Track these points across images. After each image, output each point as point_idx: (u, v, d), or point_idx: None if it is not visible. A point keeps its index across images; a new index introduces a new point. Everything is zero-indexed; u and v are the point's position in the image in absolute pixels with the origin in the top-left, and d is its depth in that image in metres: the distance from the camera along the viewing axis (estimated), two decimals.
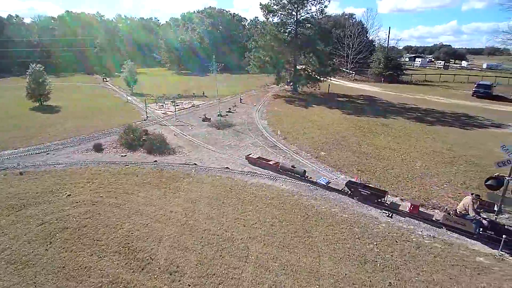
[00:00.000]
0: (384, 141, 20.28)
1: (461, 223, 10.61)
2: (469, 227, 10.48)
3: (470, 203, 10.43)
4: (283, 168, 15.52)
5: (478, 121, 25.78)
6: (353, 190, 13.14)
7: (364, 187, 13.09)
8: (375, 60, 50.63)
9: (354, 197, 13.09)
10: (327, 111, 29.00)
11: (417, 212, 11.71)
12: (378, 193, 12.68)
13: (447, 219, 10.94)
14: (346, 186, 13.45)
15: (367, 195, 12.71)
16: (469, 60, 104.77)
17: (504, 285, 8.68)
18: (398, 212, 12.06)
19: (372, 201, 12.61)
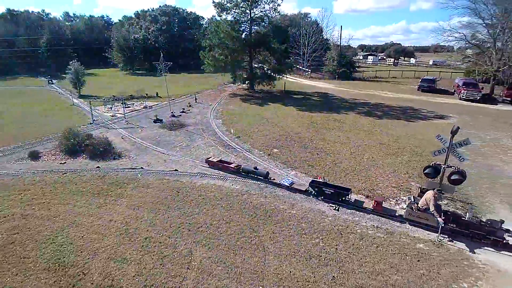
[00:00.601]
0: (335, 136, 20.67)
1: (424, 217, 10.65)
2: (432, 221, 10.51)
3: (432, 198, 10.42)
4: (244, 170, 14.89)
5: (422, 113, 27.28)
6: (317, 189, 12.81)
7: (328, 186, 12.81)
8: (330, 58, 52.03)
9: (318, 197, 12.74)
10: (282, 109, 29.13)
11: (380, 209, 11.61)
12: (341, 191, 12.43)
13: (410, 214, 10.93)
14: (310, 186, 13.12)
15: (331, 194, 12.43)
16: (417, 57, 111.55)
17: (442, 270, 8.99)
18: (362, 210, 11.87)
19: (337, 199, 12.32)
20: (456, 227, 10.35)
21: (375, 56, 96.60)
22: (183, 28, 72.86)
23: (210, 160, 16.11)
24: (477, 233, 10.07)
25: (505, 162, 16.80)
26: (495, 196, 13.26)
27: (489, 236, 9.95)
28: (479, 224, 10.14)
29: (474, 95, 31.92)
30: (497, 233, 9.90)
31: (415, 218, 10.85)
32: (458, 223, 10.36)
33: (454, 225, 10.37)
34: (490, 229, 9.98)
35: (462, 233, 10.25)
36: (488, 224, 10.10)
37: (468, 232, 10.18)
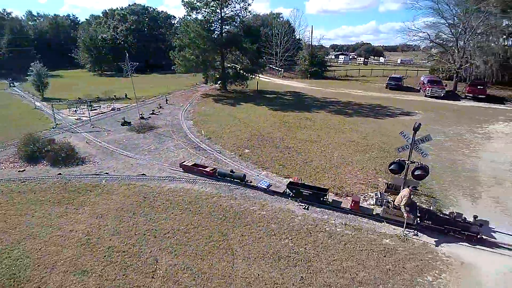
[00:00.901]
0: (306, 135, 20.80)
1: (400, 215, 10.65)
2: (407, 219, 10.47)
3: (406, 195, 10.43)
4: (221, 174, 14.35)
5: (390, 110, 28.10)
6: (295, 191, 12.58)
7: (305, 187, 12.64)
8: (301, 57, 52.59)
9: (296, 198, 12.49)
10: (255, 108, 29.02)
11: (358, 208, 11.57)
12: (319, 192, 12.29)
13: (387, 213, 10.95)
14: (287, 188, 12.86)
15: (309, 195, 12.26)
16: (386, 56, 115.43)
17: (407, 264, 9.16)
18: (340, 210, 11.79)
19: (315, 200, 12.15)
20: (431, 224, 10.47)
21: (346, 56, 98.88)
22: (154, 28, 71.20)
23: (185, 164, 15.47)
24: (452, 228, 10.26)
25: (467, 156, 17.55)
26: (458, 189, 13.78)
27: (464, 231, 10.12)
28: (454, 220, 10.31)
29: (438, 92, 33.30)
30: (472, 228, 10.08)
31: (392, 216, 10.87)
32: (433, 220, 10.50)
33: (430, 222, 10.50)
34: (464, 224, 10.16)
35: (438, 229, 10.39)
36: (463, 219, 10.26)
37: (443, 229, 10.34)
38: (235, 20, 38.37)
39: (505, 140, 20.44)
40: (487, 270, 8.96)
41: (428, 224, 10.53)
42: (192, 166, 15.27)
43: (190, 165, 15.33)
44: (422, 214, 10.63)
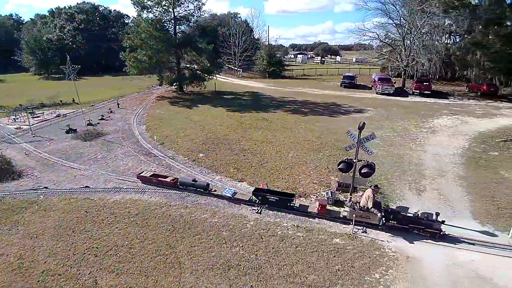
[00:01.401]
0: (262, 136, 20.69)
1: (366, 216, 10.66)
2: (373, 220, 10.62)
3: (371, 196, 10.49)
4: (182, 183, 13.47)
5: (343, 108, 28.93)
6: (261, 198, 12.06)
7: (272, 193, 12.21)
8: (259, 57, 52.74)
9: (262, 205, 11.99)
10: (212, 110, 28.46)
11: (325, 212, 11.36)
12: (286, 198, 11.96)
13: (354, 215, 10.79)
14: (253, 194, 12.30)
15: (276, 201, 11.83)
16: (342, 55, 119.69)
17: (355, 263, 9.24)
18: (308, 214, 11.52)
19: (282, 206, 11.76)
20: (396, 223, 10.57)
21: (304, 55, 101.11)
22: (105, 27, 67.58)
23: (142, 175, 14.24)
24: (416, 227, 10.43)
25: (414, 150, 18.43)
26: (405, 183, 14.36)
27: (427, 229, 10.34)
28: (417, 218, 10.48)
29: (388, 89, 34.94)
30: (434, 225, 10.31)
31: (358, 218, 10.78)
32: (397, 219, 10.59)
33: (395, 222, 10.59)
34: (427, 222, 10.36)
35: (402, 228, 10.51)
36: (425, 217, 10.43)
37: (407, 227, 10.47)
38: (189, 20, 37.45)
39: (448, 133, 21.82)
40: (431, 263, 9.30)
41: (393, 224, 10.60)
42: (150, 177, 14.11)
43: (149, 176, 14.17)
44: (387, 214, 10.67)
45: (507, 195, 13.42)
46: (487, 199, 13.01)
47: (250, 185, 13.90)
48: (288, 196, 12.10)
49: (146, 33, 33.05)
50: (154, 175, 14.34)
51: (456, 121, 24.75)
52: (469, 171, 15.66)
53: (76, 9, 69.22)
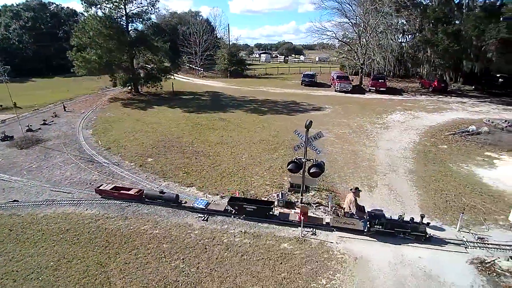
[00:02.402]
0: (218, 137, 19.91)
1: (350, 223, 10.21)
2: (358, 226, 10.20)
3: (352, 200, 10.20)
4: (149, 196, 12.20)
5: (302, 106, 28.88)
6: (237, 207, 11.22)
7: (249, 202, 11.40)
8: (220, 56, 51.81)
9: (239, 215, 11.14)
10: (168, 111, 27.17)
11: (306, 219, 10.66)
12: (265, 206, 11.18)
13: (337, 221, 10.36)
14: (228, 204, 11.44)
15: (254, 210, 10.96)
16: (306, 55, 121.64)
17: (302, 269, 8.76)
18: (289, 223, 10.78)
19: (261, 215, 10.93)
20: (381, 228, 10.13)
21: (268, 54, 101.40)
22: (55, 25, 63.16)
23: (102, 189, 12.65)
24: (402, 231, 10.13)
25: (367, 146, 18.55)
26: (357, 180, 14.24)
27: (413, 232, 10.07)
28: (402, 222, 10.18)
29: (346, 87, 35.54)
30: (420, 228, 10.06)
31: (342, 224, 10.32)
32: (382, 224, 10.14)
33: (380, 227, 10.13)
34: (413, 225, 10.08)
35: (388, 233, 10.13)
36: (411, 221, 10.11)
37: (393, 232, 10.13)
38: (142, 17, 35.71)
39: (400, 128, 22.34)
40: (378, 263, 9.05)
41: (379, 229, 10.17)
42: (111, 191, 12.59)
43: (109, 189, 12.65)
44: (372, 219, 10.21)
45: (455, 188, 13.73)
46: (435, 193, 13.19)
47: (199, 190, 13.09)
48: (266, 205, 11.33)
49: (95, 31, 30.94)
50: (115, 188, 12.83)
51: (409, 116, 25.51)
52: (419, 165, 15.94)
53: (23, 6, 64.09)
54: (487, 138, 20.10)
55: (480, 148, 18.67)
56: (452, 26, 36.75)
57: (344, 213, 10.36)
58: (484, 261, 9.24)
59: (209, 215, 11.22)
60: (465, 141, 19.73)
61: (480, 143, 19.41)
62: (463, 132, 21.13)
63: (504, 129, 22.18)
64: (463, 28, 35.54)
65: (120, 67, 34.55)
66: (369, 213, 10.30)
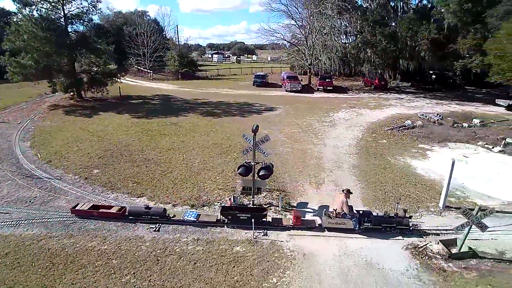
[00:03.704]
0: (170, 142, 19.60)
1: (341, 222, 10.67)
2: (348, 225, 10.65)
3: (344, 201, 10.57)
4: (133, 213, 11.46)
5: (255, 107, 29.42)
6: (231, 216, 11.05)
7: (241, 210, 11.26)
8: (170, 58, 50.64)
9: (234, 224, 11.01)
10: (115, 118, 26.02)
11: (300, 223, 10.96)
12: (258, 213, 11.12)
13: (329, 222, 10.74)
14: (221, 214, 11.19)
15: (248, 218, 10.79)
16: (258, 54, 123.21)
17: (254, 270, 9.07)
18: (283, 228, 10.96)
19: (255, 223, 10.71)
20: (370, 225, 10.73)
21: (221, 55, 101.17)
22: None
23: (79, 209, 11.69)
24: (389, 226, 10.77)
25: (315, 144, 19.52)
26: (306, 178, 14.98)
27: (398, 226, 10.75)
28: (388, 218, 10.84)
29: (296, 86, 36.86)
30: (404, 221, 10.77)
31: (334, 225, 10.74)
32: (371, 221, 10.77)
33: (369, 224, 10.74)
34: (398, 220, 10.76)
35: (377, 229, 10.74)
36: (395, 216, 10.82)
37: (381, 227, 10.74)
38: (82, 18, 33.67)
39: (345, 125, 23.80)
40: (325, 257, 9.67)
41: (367, 226, 10.76)
42: (90, 210, 11.69)
43: (87, 209, 11.72)
44: (362, 217, 10.81)
45: (392, 179, 15.05)
46: (376, 185, 14.36)
47: (150, 200, 12.86)
48: (260, 212, 11.38)
49: (30, 33, 28.58)
50: (94, 206, 11.96)
51: (353, 113, 27.24)
52: (362, 160, 17.18)
53: None
54: (421, 131, 22.23)
55: (414, 141, 20.60)
56: (388, 28, 39.81)
57: (336, 214, 10.87)
58: (417, 246, 10.32)
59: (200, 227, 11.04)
60: (402, 135, 21.63)
61: (415, 136, 21.41)
62: (400, 126, 23.12)
63: (436, 122, 24.68)
64: (398, 30, 38.70)
65: (60, 72, 32.26)
66: (358, 212, 11.03)
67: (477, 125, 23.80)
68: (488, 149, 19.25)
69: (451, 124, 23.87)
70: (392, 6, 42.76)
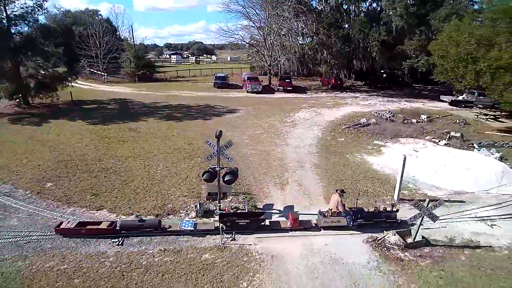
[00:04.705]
0: (129, 149, 18.90)
1: (336, 220, 11.18)
2: (343, 222, 11.19)
3: (339, 200, 11.04)
4: (126, 226, 10.90)
5: (216, 110, 29.32)
6: (230, 223, 11.02)
7: (239, 216, 11.28)
8: (126, 59, 48.63)
9: (232, 231, 10.96)
10: (68, 125, 24.48)
11: (298, 224, 11.28)
12: (257, 218, 11.27)
13: (325, 221, 11.17)
14: (220, 221, 11.08)
15: (248, 224, 11.03)
16: (217, 55, 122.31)
17: (224, 276, 9.08)
18: (282, 230, 11.20)
19: (254, 228, 11.07)
20: (363, 221, 11.33)
21: (179, 55, 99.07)
22: None
23: (64, 227, 10.79)
24: (379, 220, 11.42)
25: (278, 145, 19.94)
26: (270, 179, 15.28)
27: (387, 220, 11.43)
28: (378, 213, 11.49)
29: (256, 87, 37.29)
30: (392, 215, 11.50)
31: (330, 223, 11.22)
32: (363, 217, 11.36)
33: (361, 220, 11.32)
34: (387, 214, 11.46)
35: (369, 224, 11.34)
36: (384, 211, 11.51)
37: (372, 222, 11.34)
38: (27, 19, 31.21)
39: (306, 125, 24.57)
40: (292, 257, 9.97)
41: (361, 222, 11.34)
42: (77, 228, 10.82)
43: (74, 227, 10.83)
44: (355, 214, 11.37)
45: (351, 176, 15.85)
46: (336, 182, 15.03)
47: (111, 212, 12.34)
48: (257, 216, 11.46)
49: None
50: (80, 223, 11.11)
51: (313, 113, 28.19)
52: (322, 159, 17.88)
53: None
54: (375, 129, 23.61)
55: (370, 138, 21.84)
56: (342, 30, 41.67)
57: (331, 213, 11.36)
58: (376, 239, 11.00)
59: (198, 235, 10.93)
60: (358, 132, 22.82)
61: (370, 133, 22.70)
62: (356, 124, 24.37)
63: (388, 119, 26.32)
64: (351, 32, 40.61)
65: (3, 77, 29.58)
66: (351, 210, 11.58)
67: (425, 121, 25.80)
68: (435, 142, 20.98)
69: (401, 120, 25.65)
70: (345, 9, 44.79)
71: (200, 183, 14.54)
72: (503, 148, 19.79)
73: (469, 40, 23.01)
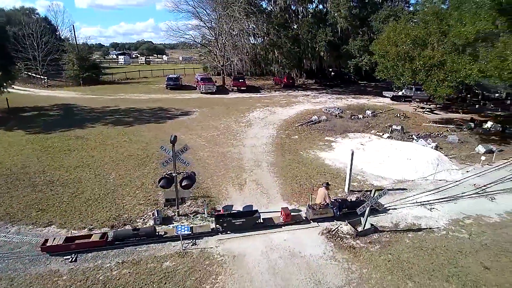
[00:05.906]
0: (77, 159, 17.80)
1: (324, 212, 12.01)
2: (330, 213, 12.05)
3: (326, 193, 11.84)
4: (120, 237, 10.61)
5: (170, 112, 28.67)
6: (226, 224, 11.28)
7: (234, 216, 11.67)
8: (68, 61, 45.34)
9: (228, 231, 11.30)
10: (5, 136, 22.27)
11: (290, 219, 11.83)
12: (252, 217, 11.62)
13: (314, 214, 11.90)
14: (216, 223, 11.37)
15: (243, 223, 11.39)
16: (168, 54, 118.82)
17: (187, 282, 9.03)
18: (276, 226, 11.72)
19: (249, 227, 11.45)
20: (347, 210, 12.24)
21: (127, 55, 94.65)
22: None
23: (51, 245, 10.04)
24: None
25: (234, 146, 20.13)
26: (228, 181, 15.42)
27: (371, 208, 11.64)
28: (361, 201, 11.92)
29: (210, 88, 37.10)
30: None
31: (319, 215, 11.99)
32: (347, 206, 12.36)
33: (346, 209, 12.26)
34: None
35: (352, 212, 11.81)
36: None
37: (355, 210, 11.50)
38: None
39: (261, 124, 25.06)
40: (253, 255, 10.24)
41: (346, 211, 12.24)
42: (65, 244, 10.08)
43: (62, 243, 10.08)
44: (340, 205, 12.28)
45: (305, 172, 16.55)
46: (292, 179, 15.63)
47: (61, 227, 11.61)
48: (252, 215, 11.76)
49: None
50: (68, 239, 10.36)
51: (267, 112, 28.81)
52: (278, 157, 18.44)
53: None
54: (326, 125, 24.84)
55: (321, 134, 22.93)
56: (292, 30, 42.99)
57: (320, 206, 11.99)
58: (330, 230, 11.70)
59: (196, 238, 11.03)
60: (310, 129, 23.84)
61: (321, 130, 23.83)
62: (308, 122, 25.42)
63: (337, 115, 27.79)
64: (300, 33, 42.06)
65: None
66: (336, 200, 12.58)
67: (370, 116, 27.71)
68: (379, 136, 22.67)
69: (349, 116, 27.28)
70: (293, 9, 46.20)
71: (157, 190, 14.23)
72: (438, 138, 22.02)
73: (406, 40, 25.08)
